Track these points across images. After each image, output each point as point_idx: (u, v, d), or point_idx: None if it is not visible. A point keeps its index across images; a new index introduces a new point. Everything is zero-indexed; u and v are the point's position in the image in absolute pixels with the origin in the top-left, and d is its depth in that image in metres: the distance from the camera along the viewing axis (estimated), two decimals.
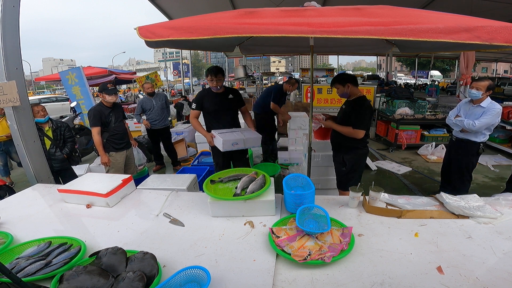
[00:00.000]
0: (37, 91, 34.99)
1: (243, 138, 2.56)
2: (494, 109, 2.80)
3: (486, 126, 2.84)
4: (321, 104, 7.39)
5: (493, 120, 2.81)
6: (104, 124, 3.11)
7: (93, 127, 3.04)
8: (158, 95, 4.80)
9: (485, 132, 2.92)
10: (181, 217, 1.67)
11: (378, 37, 1.33)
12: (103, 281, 1.07)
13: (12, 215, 1.75)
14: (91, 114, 3.05)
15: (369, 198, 1.72)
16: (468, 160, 3.10)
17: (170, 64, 21.86)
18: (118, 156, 3.25)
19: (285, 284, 1.13)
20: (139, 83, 10.45)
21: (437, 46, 2.62)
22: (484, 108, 2.83)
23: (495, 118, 2.80)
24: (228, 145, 2.52)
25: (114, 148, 3.21)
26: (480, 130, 2.88)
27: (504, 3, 6.64)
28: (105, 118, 3.09)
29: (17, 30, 2.24)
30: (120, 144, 3.26)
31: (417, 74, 25.15)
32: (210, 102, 2.78)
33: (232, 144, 2.52)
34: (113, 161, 3.22)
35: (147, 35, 1.60)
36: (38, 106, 3.13)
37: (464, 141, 3.05)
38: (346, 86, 2.48)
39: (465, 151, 3.07)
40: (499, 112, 2.80)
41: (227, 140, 2.51)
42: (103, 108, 3.11)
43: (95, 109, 3.08)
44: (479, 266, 1.19)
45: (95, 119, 3.03)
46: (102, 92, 3.09)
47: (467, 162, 3.10)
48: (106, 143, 3.15)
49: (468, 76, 6.03)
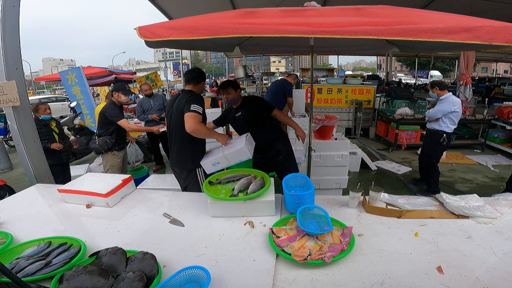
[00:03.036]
0: (37, 91, 34.99)
1: (222, 155, 2.06)
2: (446, 98, 3.46)
3: (440, 112, 3.45)
4: (321, 104, 7.39)
5: (447, 107, 3.40)
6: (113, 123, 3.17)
7: (122, 119, 3.09)
8: (156, 96, 4.82)
9: (446, 121, 3.47)
10: (181, 217, 1.67)
11: (378, 37, 1.33)
12: (103, 281, 1.07)
13: (12, 215, 1.75)
14: (112, 110, 3.08)
15: (369, 198, 1.72)
16: (432, 148, 3.64)
17: (170, 64, 21.88)
18: (120, 154, 3.31)
19: (285, 284, 1.13)
20: (139, 83, 10.45)
21: (437, 46, 2.62)
22: (441, 99, 3.53)
23: (449, 105, 3.39)
24: (209, 167, 2.13)
25: (118, 147, 3.27)
26: (436, 116, 3.48)
27: (504, 3, 6.65)
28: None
29: (17, 30, 2.24)
30: (121, 143, 3.34)
31: (417, 74, 25.15)
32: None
33: (213, 164, 2.10)
34: (115, 160, 3.26)
35: (147, 35, 1.60)
36: (45, 104, 3.30)
37: (431, 131, 3.64)
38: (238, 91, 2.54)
39: (431, 139, 3.64)
40: (452, 101, 3.40)
41: (206, 162, 2.13)
42: (116, 107, 3.17)
43: (113, 105, 3.13)
44: (479, 266, 1.19)
45: (120, 113, 3.13)
46: (119, 91, 3.13)
47: (432, 150, 3.65)
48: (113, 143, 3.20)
49: (468, 76, 6.02)
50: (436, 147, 3.60)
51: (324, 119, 3.43)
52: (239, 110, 2.62)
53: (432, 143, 3.63)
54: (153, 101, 4.71)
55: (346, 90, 7.33)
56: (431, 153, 3.67)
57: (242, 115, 2.59)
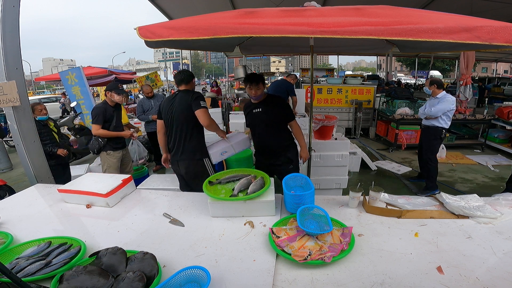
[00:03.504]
0: (37, 91, 34.99)
1: (229, 144, 2.46)
2: (446, 98, 3.68)
3: (441, 111, 3.66)
4: (321, 104, 7.39)
5: (447, 106, 3.63)
6: (107, 123, 3.13)
7: (96, 124, 3.04)
8: (157, 96, 4.83)
9: (444, 119, 3.72)
10: (181, 217, 1.67)
11: (378, 37, 1.33)
12: (103, 281, 1.07)
13: (12, 215, 1.75)
14: (96, 112, 3.04)
15: (369, 198, 1.72)
16: (432, 143, 3.86)
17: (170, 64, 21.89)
18: (116, 155, 3.28)
19: (285, 284, 1.13)
20: (139, 83, 10.45)
21: (437, 46, 2.63)
22: (439, 98, 3.73)
23: (448, 104, 3.63)
24: (217, 157, 2.46)
25: (112, 147, 3.23)
26: (438, 114, 3.69)
27: (504, 3, 6.64)
28: (108, 117, 3.12)
29: (17, 30, 2.24)
30: (118, 143, 3.30)
31: (417, 74, 25.14)
32: None
33: (221, 154, 2.45)
34: (111, 160, 3.24)
35: (147, 35, 1.60)
36: (41, 105, 3.25)
37: (430, 128, 3.83)
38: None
39: (431, 135, 3.85)
40: (450, 100, 3.66)
41: (215, 152, 2.44)
42: (108, 107, 3.12)
43: (100, 107, 3.08)
44: (479, 266, 1.19)
45: (99, 117, 3.04)
46: (111, 90, 3.10)
47: (432, 145, 3.87)
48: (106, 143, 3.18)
49: (468, 76, 6.02)
50: (436, 142, 3.87)
51: (324, 119, 3.44)
52: (260, 106, 2.45)
53: (432, 139, 3.86)
54: (153, 101, 4.71)
55: (346, 90, 7.33)
56: (431, 148, 3.88)
57: (262, 112, 2.44)
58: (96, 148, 3.14)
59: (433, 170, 3.91)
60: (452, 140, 6.11)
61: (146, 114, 4.65)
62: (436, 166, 3.92)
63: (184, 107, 2.33)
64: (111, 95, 3.11)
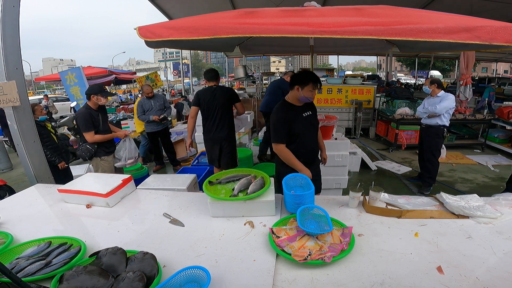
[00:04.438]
0: (37, 91, 34.93)
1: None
2: (448, 96, 3.78)
3: (445, 108, 3.72)
4: (321, 104, 7.38)
5: (450, 104, 3.72)
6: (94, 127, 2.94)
7: (88, 131, 2.87)
8: (157, 96, 4.81)
9: (446, 116, 3.79)
10: (181, 217, 1.67)
11: (378, 37, 1.33)
12: (103, 281, 1.07)
13: (12, 215, 1.75)
14: (83, 119, 2.85)
15: (369, 198, 1.72)
16: (434, 142, 3.89)
17: (170, 64, 21.87)
18: (109, 159, 3.14)
19: (285, 284, 1.13)
20: (139, 83, 10.45)
21: (437, 46, 2.63)
22: (440, 96, 3.80)
23: (451, 102, 3.73)
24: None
25: (105, 152, 3.08)
26: (442, 112, 3.74)
27: (504, 3, 6.64)
28: (95, 122, 2.94)
29: (17, 30, 2.24)
30: (109, 147, 3.14)
31: (417, 74, 25.13)
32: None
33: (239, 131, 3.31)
34: (105, 166, 3.10)
35: (147, 35, 1.60)
36: (39, 106, 3.27)
37: (432, 126, 3.87)
38: None
39: (433, 134, 3.88)
40: (452, 98, 3.76)
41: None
42: (92, 112, 2.92)
43: (85, 113, 2.87)
44: (479, 266, 1.19)
45: (89, 124, 2.87)
46: (97, 94, 2.91)
47: (434, 144, 3.89)
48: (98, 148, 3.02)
49: (468, 76, 6.02)
50: (438, 139, 3.89)
51: (324, 119, 3.43)
52: (307, 109, 2.19)
53: (434, 137, 3.88)
54: (153, 101, 4.69)
55: (346, 90, 7.33)
56: (433, 146, 3.90)
57: (313, 115, 2.25)
58: (88, 156, 2.97)
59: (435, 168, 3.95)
60: (452, 140, 6.11)
61: (146, 114, 4.64)
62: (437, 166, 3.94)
63: (227, 98, 3.19)
64: (98, 99, 2.92)
